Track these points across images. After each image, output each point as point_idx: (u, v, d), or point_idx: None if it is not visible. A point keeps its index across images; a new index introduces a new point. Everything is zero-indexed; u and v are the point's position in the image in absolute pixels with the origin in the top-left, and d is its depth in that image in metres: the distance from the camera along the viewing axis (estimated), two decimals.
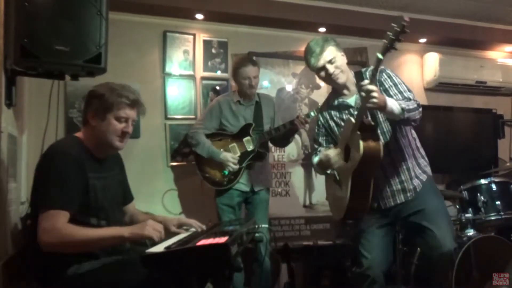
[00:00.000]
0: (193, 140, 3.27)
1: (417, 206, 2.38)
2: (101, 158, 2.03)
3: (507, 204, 3.48)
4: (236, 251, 1.63)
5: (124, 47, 3.63)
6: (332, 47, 2.37)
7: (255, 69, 3.21)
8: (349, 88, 2.45)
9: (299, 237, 4.04)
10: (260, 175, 3.31)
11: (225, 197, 3.22)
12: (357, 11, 4.14)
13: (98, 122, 1.96)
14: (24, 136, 2.93)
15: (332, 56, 2.35)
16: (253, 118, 3.29)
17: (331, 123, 2.54)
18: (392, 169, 2.39)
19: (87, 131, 2.00)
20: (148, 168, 3.69)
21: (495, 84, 4.73)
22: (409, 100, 2.25)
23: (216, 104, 3.32)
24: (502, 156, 4.74)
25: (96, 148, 2.00)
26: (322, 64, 2.36)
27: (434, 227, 2.30)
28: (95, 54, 2.23)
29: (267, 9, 3.85)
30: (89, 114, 1.97)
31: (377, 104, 2.07)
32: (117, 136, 1.98)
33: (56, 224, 1.73)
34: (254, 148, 3.22)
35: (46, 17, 2.12)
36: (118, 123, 1.97)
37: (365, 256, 2.43)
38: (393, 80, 2.36)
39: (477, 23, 4.57)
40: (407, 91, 2.32)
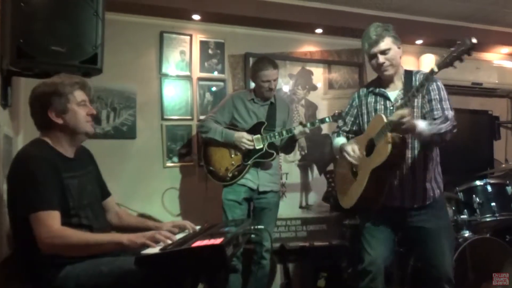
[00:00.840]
0: (204, 127, 3.24)
1: (424, 221, 2.39)
2: (72, 156, 1.99)
3: (503, 205, 3.49)
4: (231, 252, 1.63)
5: (120, 47, 3.62)
6: (390, 38, 2.36)
7: (275, 72, 3.18)
8: (394, 82, 2.46)
9: (295, 238, 4.04)
10: (269, 176, 3.26)
11: (230, 192, 3.19)
12: (354, 12, 4.15)
13: (64, 117, 1.91)
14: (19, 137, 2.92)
15: (386, 47, 2.35)
16: (266, 118, 3.27)
17: (363, 108, 2.55)
18: (410, 174, 2.39)
19: (53, 132, 1.94)
20: (145, 169, 3.68)
21: (491, 85, 4.75)
22: (446, 121, 2.24)
23: (229, 99, 3.31)
24: (498, 157, 4.76)
25: (66, 146, 1.96)
26: (375, 53, 2.37)
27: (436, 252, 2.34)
28: (91, 55, 2.23)
29: (264, 10, 3.85)
30: (50, 114, 1.89)
31: (405, 130, 2.12)
32: (86, 121, 1.96)
33: (54, 226, 1.72)
34: (262, 146, 3.19)
35: (42, 18, 2.12)
36: (81, 109, 1.94)
37: (369, 252, 2.43)
38: (440, 94, 2.36)
39: (473, 24, 4.58)
40: (448, 109, 2.33)
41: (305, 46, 4.25)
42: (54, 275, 1.79)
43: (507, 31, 4.74)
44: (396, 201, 2.41)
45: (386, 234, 2.48)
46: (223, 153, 3.22)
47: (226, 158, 3.21)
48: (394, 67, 2.40)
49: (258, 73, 3.16)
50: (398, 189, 2.40)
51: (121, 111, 3.64)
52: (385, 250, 2.46)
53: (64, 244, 1.71)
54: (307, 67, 4.24)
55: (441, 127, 2.21)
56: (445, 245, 2.38)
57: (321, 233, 4.10)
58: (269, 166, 3.27)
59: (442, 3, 4.09)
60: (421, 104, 2.37)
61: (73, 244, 1.72)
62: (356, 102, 2.60)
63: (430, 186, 2.41)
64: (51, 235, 1.70)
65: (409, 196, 2.40)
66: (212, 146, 3.25)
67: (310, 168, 4.17)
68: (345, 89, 4.32)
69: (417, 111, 2.37)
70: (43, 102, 1.89)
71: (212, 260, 1.54)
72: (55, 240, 1.70)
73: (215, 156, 3.24)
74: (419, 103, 2.37)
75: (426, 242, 2.38)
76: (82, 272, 1.78)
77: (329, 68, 4.31)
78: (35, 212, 1.73)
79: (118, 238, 1.79)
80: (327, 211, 4.16)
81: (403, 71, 2.47)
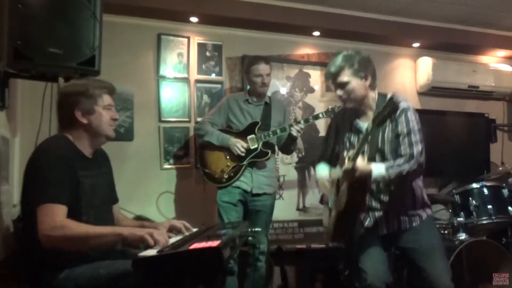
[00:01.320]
0: (201, 130, 3.26)
1: (415, 242, 2.33)
2: (90, 156, 2.03)
3: (499, 208, 3.50)
4: (228, 254, 1.63)
5: (118, 49, 3.62)
6: (350, 70, 2.26)
7: (267, 67, 3.23)
8: (366, 113, 2.37)
9: (292, 240, 4.04)
10: (263, 178, 3.26)
11: (225, 194, 3.19)
12: (351, 15, 4.16)
13: (89, 118, 1.97)
14: (16, 138, 2.92)
15: (345, 80, 2.27)
16: (260, 118, 3.28)
17: (339, 139, 2.49)
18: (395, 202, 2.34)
19: (76, 130, 1.98)
20: (142, 171, 3.68)
21: (488, 88, 4.77)
22: (410, 160, 2.17)
23: (225, 101, 3.35)
24: (494, 160, 4.78)
25: (86, 146, 2.01)
26: (333, 84, 2.34)
27: (431, 270, 2.27)
28: (89, 57, 2.24)
29: (261, 13, 3.85)
30: (77, 113, 1.95)
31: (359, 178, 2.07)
32: (109, 125, 2.03)
33: (56, 218, 1.73)
34: (257, 146, 3.19)
35: (40, 19, 2.12)
36: (106, 113, 2.01)
37: (366, 271, 2.35)
38: (408, 127, 2.23)
39: (470, 28, 4.60)
40: (416, 143, 2.21)
41: (302, 49, 4.26)
42: (54, 277, 1.79)
43: (504, 34, 4.77)
44: (383, 228, 2.38)
45: (380, 251, 2.41)
46: (219, 155, 3.22)
47: (221, 160, 3.21)
48: (353, 101, 2.31)
49: (250, 68, 3.21)
50: (384, 218, 2.36)
51: (118, 113, 3.61)
52: (382, 267, 2.39)
53: (64, 236, 1.71)
54: (305, 70, 4.25)
55: (403, 169, 2.14)
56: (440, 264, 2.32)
57: (318, 236, 4.10)
58: (264, 166, 3.27)
59: (439, 6, 4.10)
60: (391, 139, 2.28)
61: (73, 235, 1.72)
62: (334, 126, 2.56)
63: (413, 213, 2.35)
64: (52, 226, 1.70)
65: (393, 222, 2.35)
66: (208, 149, 3.25)
67: (307, 170, 4.18)
68: None
69: (388, 146, 2.29)
70: (71, 101, 1.96)
71: (210, 263, 1.54)
72: (55, 232, 1.70)
73: (210, 158, 3.25)
74: (389, 136, 2.28)
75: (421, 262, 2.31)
76: (81, 275, 1.79)
77: None
78: (43, 203, 1.74)
79: (119, 230, 1.79)
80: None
81: (377, 98, 2.36)
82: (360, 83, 2.29)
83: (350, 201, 2.13)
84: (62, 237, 1.71)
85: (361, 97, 2.32)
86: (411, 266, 2.43)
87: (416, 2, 4.02)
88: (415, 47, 4.65)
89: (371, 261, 2.38)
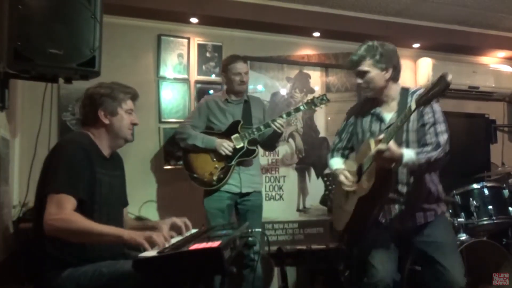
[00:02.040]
0: (183, 134, 3.20)
1: (430, 236, 2.35)
2: (107, 156, 2.08)
3: (499, 208, 3.49)
4: (229, 255, 1.63)
5: (118, 50, 3.62)
6: (371, 61, 2.34)
7: (245, 65, 3.25)
8: (389, 103, 2.42)
9: (292, 241, 4.03)
10: (250, 177, 3.24)
11: (214, 200, 3.15)
12: (352, 16, 4.17)
13: (111, 119, 2.04)
14: (16, 139, 2.92)
15: (364, 69, 2.34)
16: (241, 116, 3.26)
17: (358, 127, 2.53)
18: (412, 195, 2.36)
19: (97, 129, 2.05)
20: (142, 172, 3.68)
21: (488, 89, 4.77)
22: (437, 148, 2.21)
23: (203, 103, 3.31)
24: (495, 160, 4.78)
25: (105, 145, 2.06)
26: (353, 73, 2.41)
27: (447, 263, 2.29)
28: (89, 58, 2.24)
29: (261, 14, 3.86)
30: (100, 113, 2.02)
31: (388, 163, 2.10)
32: (129, 129, 2.11)
33: (63, 209, 1.74)
34: (243, 145, 3.18)
35: (40, 20, 2.12)
36: (127, 116, 2.09)
37: (376, 266, 2.37)
38: (434, 117, 2.30)
39: (470, 29, 4.61)
40: (442, 133, 2.27)
41: (302, 50, 4.26)
42: (56, 276, 1.80)
43: (504, 35, 4.77)
44: (397, 223, 2.38)
45: (391, 250, 2.43)
46: (204, 158, 3.18)
47: (208, 162, 3.17)
48: (372, 90, 2.38)
49: (229, 66, 3.21)
50: (398, 212, 2.37)
51: None
52: (392, 266, 2.42)
53: (67, 228, 1.72)
54: (305, 71, 4.25)
55: (431, 156, 2.18)
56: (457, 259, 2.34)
57: (318, 236, 4.10)
58: (250, 163, 3.25)
59: (439, 7, 4.10)
60: (416, 128, 2.33)
61: (76, 229, 1.73)
62: (352, 119, 2.58)
63: (428, 207, 2.37)
64: (57, 217, 1.72)
65: (409, 217, 2.36)
66: (192, 153, 3.20)
67: (307, 171, 4.17)
68: (343, 93, 4.32)
69: (412, 135, 2.33)
70: (96, 100, 2.03)
71: (210, 263, 1.53)
72: (60, 223, 1.72)
73: (196, 162, 3.19)
74: (414, 126, 2.33)
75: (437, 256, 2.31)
76: (83, 274, 1.80)
77: (327, 72, 4.31)
78: (54, 193, 1.77)
79: (120, 231, 1.79)
80: (325, 214, 4.16)
81: (400, 90, 2.43)
82: (380, 74, 2.36)
83: (377, 185, 2.12)
84: (65, 229, 1.72)
85: (380, 87, 2.38)
86: (426, 260, 2.41)
87: (416, 3, 4.02)
88: (415, 48, 4.65)
89: (381, 257, 2.40)
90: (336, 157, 2.63)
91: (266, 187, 4.02)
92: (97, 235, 1.76)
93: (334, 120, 4.28)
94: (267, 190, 4.02)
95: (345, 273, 3.63)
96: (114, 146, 2.12)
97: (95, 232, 1.76)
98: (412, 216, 2.37)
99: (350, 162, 2.55)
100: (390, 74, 2.38)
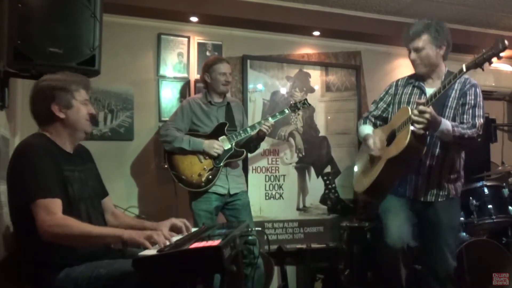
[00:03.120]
0: (168, 137, 3.15)
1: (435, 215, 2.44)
2: (71, 152, 2.01)
3: (499, 207, 3.50)
4: (229, 254, 1.63)
5: (118, 49, 3.62)
6: (428, 37, 2.39)
7: (229, 66, 3.29)
8: (433, 79, 2.48)
9: (292, 240, 4.04)
10: (236, 178, 3.28)
11: (202, 201, 3.14)
12: (352, 15, 4.16)
13: (66, 112, 1.94)
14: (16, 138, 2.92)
15: (421, 45, 2.38)
16: (225, 119, 3.28)
17: (397, 98, 2.57)
18: (434, 169, 2.42)
19: (53, 126, 1.96)
20: (142, 171, 3.68)
21: (488, 88, 4.75)
22: (472, 128, 2.27)
23: (186, 105, 3.27)
24: (494, 160, 4.78)
25: (65, 141, 1.98)
26: (409, 49, 2.44)
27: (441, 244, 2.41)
28: (88, 56, 2.24)
29: (261, 13, 3.85)
30: (54, 108, 1.91)
31: (427, 125, 2.13)
32: (86, 120, 2.00)
33: (54, 214, 1.72)
34: (231, 146, 3.20)
35: (40, 19, 2.12)
36: (83, 107, 1.98)
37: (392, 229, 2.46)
38: (476, 100, 2.37)
39: (469, 28, 4.60)
40: (479, 117, 2.33)
41: (302, 49, 4.26)
42: (53, 276, 1.78)
43: (504, 34, 4.76)
44: (411, 192, 2.45)
45: (408, 214, 2.50)
46: (192, 159, 3.15)
47: (196, 164, 3.15)
48: (426, 66, 2.43)
49: (214, 67, 3.22)
50: (414, 182, 2.44)
51: (118, 113, 3.64)
52: (408, 229, 2.47)
53: (66, 234, 1.70)
54: (305, 70, 4.25)
55: (465, 132, 2.23)
56: (450, 242, 2.44)
57: (318, 235, 4.11)
58: (237, 165, 3.30)
59: (439, 6, 4.10)
60: (455, 105, 2.39)
61: (74, 234, 1.71)
62: (393, 90, 2.63)
63: (445, 185, 2.43)
64: (53, 223, 1.70)
65: (423, 190, 2.44)
66: (178, 155, 3.17)
67: (307, 170, 4.18)
68: (342, 92, 4.33)
69: (449, 111, 2.40)
70: (47, 95, 1.91)
71: (210, 262, 1.54)
72: (56, 229, 1.70)
73: (182, 164, 3.16)
74: (453, 103, 2.39)
75: (432, 236, 2.43)
76: (81, 275, 1.78)
77: (327, 71, 4.31)
78: (35, 200, 1.73)
79: (119, 232, 1.78)
80: (325, 213, 4.17)
81: (446, 71, 2.48)
82: (435, 51, 2.42)
83: (409, 147, 2.16)
84: (64, 234, 1.70)
85: (433, 64, 2.44)
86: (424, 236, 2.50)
87: (416, 2, 4.02)
88: None
89: (398, 220, 2.47)
90: (367, 125, 2.69)
91: (266, 186, 4.02)
92: (96, 237, 1.76)
93: (334, 119, 4.28)
94: (267, 189, 4.03)
95: (345, 272, 3.63)
96: (75, 140, 2.02)
97: (93, 234, 1.75)
98: (426, 190, 2.43)
99: (379, 131, 2.59)
100: (443, 51, 2.44)
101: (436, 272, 2.43)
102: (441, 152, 2.40)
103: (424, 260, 2.62)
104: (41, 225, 1.70)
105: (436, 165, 2.41)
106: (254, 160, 3.98)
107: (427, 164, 2.41)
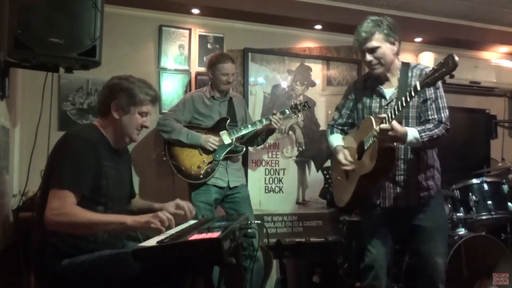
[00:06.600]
0: (167, 127, 3.17)
1: (420, 219, 2.38)
2: (116, 149, 2.05)
3: (499, 204, 3.50)
4: (228, 246, 1.63)
5: (119, 40, 3.61)
6: (380, 35, 2.28)
7: (233, 66, 3.29)
8: (389, 79, 2.40)
9: (291, 233, 4.05)
10: (236, 171, 3.31)
11: (201, 193, 3.16)
12: (354, 9, 4.14)
13: (121, 115, 1.98)
14: (17, 128, 2.92)
15: (375, 45, 2.28)
16: (227, 114, 3.30)
17: (358, 104, 2.51)
18: (404, 175, 2.38)
19: (107, 121, 2.01)
20: (143, 163, 3.68)
21: (489, 84, 4.75)
22: (439, 125, 2.22)
23: (189, 97, 3.30)
24: (495, 156, 4.78)
25: (113, 138, 2.02)
26: (363, 51, 2.33)
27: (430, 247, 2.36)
28: (89, 47, 2.23)
29: (263, 5, 3.84)
30: (113, 105, 1.97)
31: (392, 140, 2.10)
32: (136, 129, 2.03)
33: (64, 203, 1.73)
34: (231, 141, 3.22)
35: (40, 9, 2.11)
36: (140, 117, 2.02)
37: (370, 250, 2.45)
38: (437, 93, 2.29)
39: (472, 23, 4.58)
40: (444, 109, 2.27)
41: (304, 42, 4.25)
42: (56, 265, 1.80)
43: (506, 30, 4.75)
44: (391, 201, 2.40)
45: (386, 233, 2.47)
46: (191, 151, 3.19)
47: (196, 156, 3.18)
48: (383, 65, 2.32)
49: (218, 65, 3.21)
50: (393, 190, 2.39)
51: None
52: (385, 248, 2.46)
53: (68, 222, 1.72)
54: (306, 63, 4.23)
55: (433, 133, 2.18)
56: (439, 245, 2.39)
57: (317, 229, 4.11)
58: (237, 160, 3.33)
59: (442, 1, 4.09)
60: (417, 104, 2.33)
61: (77, 222, 1.72)
62: (352, 95, 2.57)
63: (424, 185, 2.38)
64: (58, 212, 1.71)
65: (403, 196, 2.38)
66: (177, 145, 3.20)
67: (307, 164, 4.17)
68: (343, 86, 4.31)
69: (413, 111, 2.34)
70: (113, 92, 1.98)
71: (209, 254, 1.54)
72: (60, 217, 1.71)
73: (182, 155, 3.19)
74: (414, 102, 2.32)
75: (421, 240, 2.38)
76: (82, 264, 1.80)
77: (328, 65, 4.30)
78: (56, 188, 1.75)
79: (122, 218, 1.79)
80: (324, 207, 4.17)
81: (400, 65, 2.39)
82: (390, 48, 2.32)
83: (379, 164, 2.13)
84: (66, 222, 1.72)
85: (390, 62, 2.35)
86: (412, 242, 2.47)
87: None
88: (417, 42, 4.62)
89: (375, 240, 2.44)
90: (336, 133, 2.64)
91: (266, 179, 4.02)
92: (100, 224, 1.77)
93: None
94: (267, 183, 4.03)
95: (344, 265, 3.64)
96: (119, 143, 2.06)
97: (97, 222, 1.76)
98: (406, 195, 2.38)
99: (349, 138, 2.55)
100: (397, 47, 2.35)
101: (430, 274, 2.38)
102: (415, 156, 2.36)
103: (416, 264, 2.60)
104: (47, 212, 1.72)
105: (412, 169, 2.36)
106: (254, 154, 3.98)
107: (403, 170, 2.36)
